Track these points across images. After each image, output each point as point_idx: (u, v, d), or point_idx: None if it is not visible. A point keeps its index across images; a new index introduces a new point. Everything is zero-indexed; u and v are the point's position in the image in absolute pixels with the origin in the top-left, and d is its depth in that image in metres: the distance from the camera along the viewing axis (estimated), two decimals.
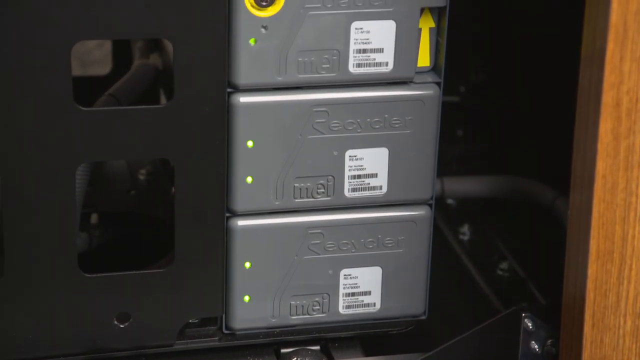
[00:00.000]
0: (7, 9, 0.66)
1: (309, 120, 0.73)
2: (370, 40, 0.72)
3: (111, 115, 0.69)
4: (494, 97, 1.00)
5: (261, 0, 0.70)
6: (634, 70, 0.63)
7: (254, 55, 0.71)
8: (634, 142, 0.65)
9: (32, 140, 0.69)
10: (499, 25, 0.98)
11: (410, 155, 0.74)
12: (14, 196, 0.70)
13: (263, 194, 0.73)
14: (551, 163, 0.94)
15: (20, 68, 0.67)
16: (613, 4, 0.61)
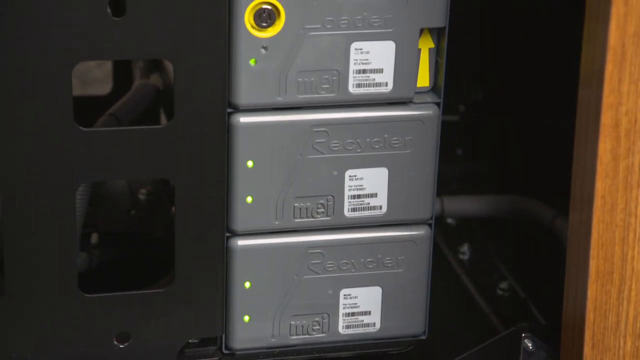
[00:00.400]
0: (8, 29, 0.66)
1: (308, 140, 0.73)
2: (370, 61, 0.72)
3: (112, 136, 0.70)
4: (493, 116, 1.00)
5: (261, 21, 0.70)
6: (632, 91, 0.63)
7: (254, 76, 0.71)
8: (633, 163, 0.65)
9: (33, 160, 0.69)
10: (498, 44, 0.99)
11: (410, 175, 0.75)
12: (15, 215, 0.70)
13: (263, 214, 0.73)
14: (551, 182, 0.94)
15: (22, 88, 0.67)
16: (611, 26, 0.62)
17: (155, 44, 0.68)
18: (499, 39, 0.98)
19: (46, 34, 0.67)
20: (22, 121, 0.68)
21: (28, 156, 0.69)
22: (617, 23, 0.62)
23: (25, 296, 0.71)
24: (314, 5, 0.70)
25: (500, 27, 0.98)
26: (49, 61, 0.67)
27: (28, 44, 0.67)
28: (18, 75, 0.67)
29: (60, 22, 0.66)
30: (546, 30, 0.97)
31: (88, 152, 0.69)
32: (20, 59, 0.67)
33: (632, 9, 0.62)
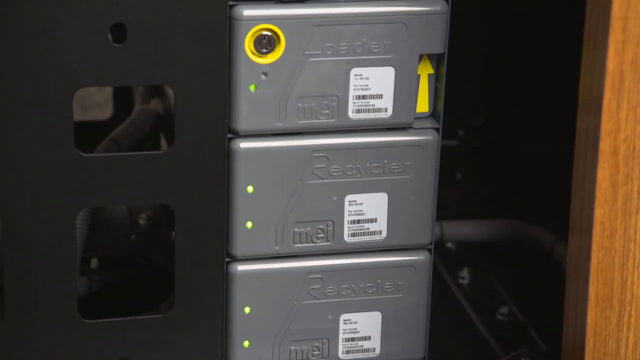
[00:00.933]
0: (9, 54, 0.67)
1: (308, 165, 0.73)
2: (370, 87, 0.73)
3: (112, 161, 0.70)
4: (493, 140, 1.01)
5: (261, 47, 0.70)
6: (631, 118, 0.64)
7: (254, 101, 0.71)
8: (631, 189, 0.65)
9: (33, 186, 0.69)
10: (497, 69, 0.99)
11: (409, 200, 0.75)
12: (15, 240, 0.70)
13: (263, 239, 0.74)
14: (550, 207, 0.94)
15: (23, 114, 0.68)
16: (609, 52, 0.62)
17: (156, 70, 0.68)
18: (499, 64, 0.99)
19: (48, 60, 0.67)
20: (23, 146, 0.68)
21: (29, 181, 0.69)
22: (615, 50, 0.62)
23: (25, 321, 0.71)
24: (314, 31, 0.71)
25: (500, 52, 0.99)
26: (50, 87, 0.67)
27: (29, 70, 0.67)
28: (19, 100, 0.67)
29: (61, 48, 0.67)
30: (545, 56, 0.98)
31: (89, 178, 0.69)
32: (22, 84, 0.67)
33: (630, 37, 0.62)
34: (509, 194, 0.99)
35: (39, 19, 0.66)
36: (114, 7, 0.66)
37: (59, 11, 0.66)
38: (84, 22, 0.66)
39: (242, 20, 0.69)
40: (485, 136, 1.00)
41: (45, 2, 0.66)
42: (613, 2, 0.61)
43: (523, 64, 0.98)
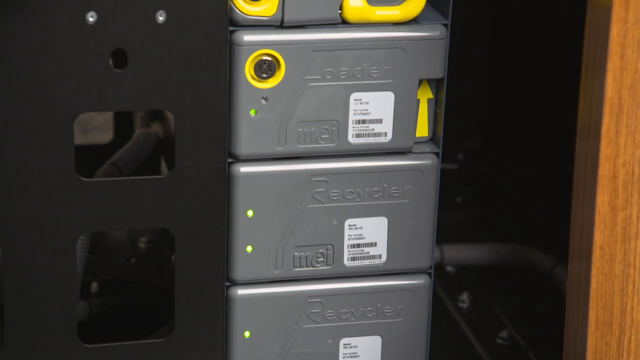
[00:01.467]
0: (11, 79, 0.67)
1: (308, 189, 0.73)
2: (369, 111, 0.73)
3: (113, 186, 0.70)
4: (492, 164, 1.01)
5: (262, 72, 0.71)
6: (630, 143, 0.64)
7: (255, 126, 0.71)
8: (631, 214, 0.65)
9: (34, 210, 0.69)
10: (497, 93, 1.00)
11: (409, 224, 0.75)
12: (15, 265, 0.70)
13: (263, 263, 0.74)
14: (550, 230, 0.94)
15: (23, 138, 0.68)
16: (608, 79, 0.62)
17: (157, 95, 0.69)
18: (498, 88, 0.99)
19: (49, 85, 0.67)
20: (23, 170, 0.68)
21: (29, 205, 0.69)
22: (614, 76, 0.62)
23: (26, 346, 0.71)
24: (314, 56, 0.71)
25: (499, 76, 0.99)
26: (51, 112, 0.68)
27: (31, 95, 0.67)
28: (20, 125, 0.68)
29: (62, 74, 0.67)
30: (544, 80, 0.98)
31: (89, 202, 0.69)
32: (23, 109, 0.67)
33: (628, 63, 0.63)
34: (509, 218, 0.99)
35: (41, 44, 0.66)
36: (115, 32, 0.67)
37: (61, 37, 0.66)
38: (85, 48, 0.67)
39: (242, 45, 0.70)
40: (485, 160, 1.00)
41: (47, 28, 0.66)
42: (611, 29, 0.62)
43: (522, 87, 0.99)
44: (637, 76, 0.63)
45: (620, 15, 0.61)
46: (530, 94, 0.99)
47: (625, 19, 0.62)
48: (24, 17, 0.66)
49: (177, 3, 0.67)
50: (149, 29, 0.67)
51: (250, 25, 0.70)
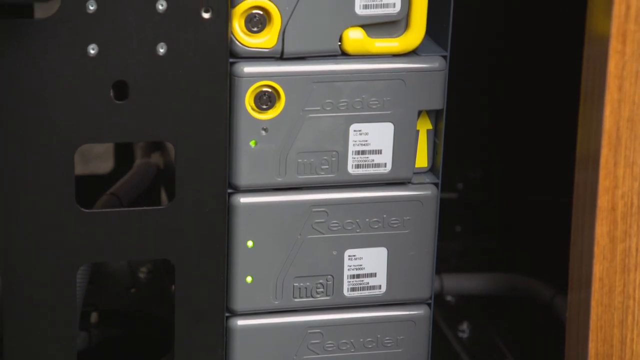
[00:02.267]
0: (12, 110, 0.67)
1: (308, 220, 0.73)
2: (369, 142, 0.73)
3: (113, 217, 0.70)
4: (492, 193, 1.01)
5: (262, 104, 0.71)
6: (628, 175, 0.64)
7: (255, 157, 0.72)
8: (630, 246, 0.65)
9: (34, 241, 0.69)
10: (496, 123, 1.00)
11: (409, 254, 0.75)
12: (14, 295, 0.70)
13: (263, 294, 0.74)
14: (550, 260, 0.94)
15: (24, 169, 0.68)
16: (606, 111, 0.63)
17: (157, 126, 0.69)
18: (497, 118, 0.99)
19: (50, 117, 0.67)
20: (24, 201, 0.69)
21: (29, 236, 0.69)
22: (612, 108, 0.63)
23: None
24: (314, 88, 0.71)
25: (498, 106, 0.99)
26: (52, 143, 0.68)
27: (32, 126, 0.68)
28: (21, 156, 0.68)
29: (63, 105, 0.67)
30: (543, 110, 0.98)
31: (89, 233, 0.70)
32: (24, 140, 0.68)
33: (626, 95, 0.63)
34: (509, 247, 0.99)
35: (42, 75, 0.67)
36: (116, 65, 0.67)
37: (62, 69, 0.67)
38: (86, 80, 0.67)
39: (242, 77, 0.70)
40: (485, 189, 1.00)
41: (49, 60, 0.66)
42: (609, 61, 0.62)
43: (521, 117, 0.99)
44: (635, 108, 0.63)
45: (617, 49, 0.62)
46: (530, 125, 0.99)
47: (622, 51, 0.62)
48: (26, 49, 0.66)
49: (177, 35, 0.68)
50: (150, 61, 0.68)
51: (251, 57, 0.70)
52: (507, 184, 1.00)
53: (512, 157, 1.00)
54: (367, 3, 0.71)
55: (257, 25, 0.70)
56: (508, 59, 0.97)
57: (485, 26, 0.95)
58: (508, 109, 0.99)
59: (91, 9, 0.66)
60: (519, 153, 1.00)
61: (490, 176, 1.01)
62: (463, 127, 0.95)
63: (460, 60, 0.80)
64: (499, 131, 1.00)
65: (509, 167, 1.00)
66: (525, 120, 0.99)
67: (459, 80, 0.81)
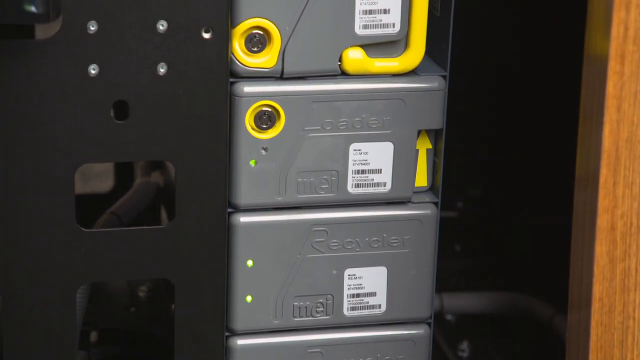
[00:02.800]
0: (13, 129, 0.67)
1: (308, 239, 0.73)
2: (369, 161, 0.73)
3: (113, 236, 0.70)
4: (492, 212, 1.01)
5: (262, 123, 0.71)
6: (627, 195, 0.64)
7: (255, 176, 0.72)
8: (629, 266, 0.65)
9: (34, 260, 0.69)
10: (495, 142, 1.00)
11: (408, 274, 0.75)
12: (14, 314, 0.70)
13: (262, 313, 0.74)
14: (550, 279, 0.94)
15: (24, 188, 0.68)
16: (605, 131, 0.63)
17: (157, 146, 0.69)
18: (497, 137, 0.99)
19: (50, 137, 0.68)
20: (24, 220, 0.69)
21: (29, 255, 0.69)
22: (610, 129, 0.63)
23: None
24: (314, 107, 0.71)
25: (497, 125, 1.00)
26: (52, 163, 0.68)
27: (32, 146, 0.68)
28: (21, 175, 0.68)
29: (64, 125, 0.68)
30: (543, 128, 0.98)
31: (89, 253, 0.70)
32: (24, 159, 0.68)
33: (625, 116, 0.63)
34: (509, 266, 0.99)
35: (43, 95, 0.67)
36: (117, 84, 0.67)
37: (63, 89, 0.67)
38: (87, 100, 0.67)
39: (242, 96, 0.70)
40: (484, 208, 1.00)
41: (50, 80, 0.67)
42: (608, 82, 0.62)
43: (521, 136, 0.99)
44: (634, 128, 0.63)
45: (616, 69, 0.62)
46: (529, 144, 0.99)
47: (621, 72, 0.62)
48: (27, 70, 0.66)
49: (178, 55, 0.68)
50: (150, 80, 0.68)
51: (251, 77, 0.71)
52: (506, 203, 1.00)
53: (511, 176, 1.00)
54: (367, 23, 0.71)
55: (257, 45, 0.70)
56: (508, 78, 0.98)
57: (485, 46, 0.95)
58: (508, 128, 0.99)
59: (92, 30, 0.66)
60: (518, 172, 1.00)
61: (490, 195, 1.01)
62: (463, 146, 0.96)
63: (460, 79, 0.80)
64: (499, 150, 1.00)
65: (508, 186, 1.00)
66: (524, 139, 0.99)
67: (458, 99, 0.82)
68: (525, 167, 1.00)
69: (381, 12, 0.71)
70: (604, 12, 0.62)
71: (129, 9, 0.66)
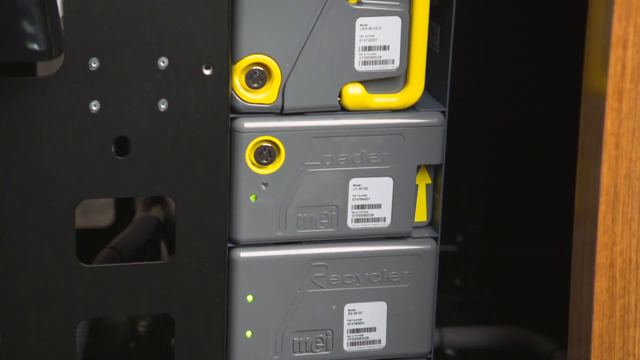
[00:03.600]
0: (13, 167, 0.68)
1: (308, 274, 0.73)
2: (368, 197, 0.73)
3: (113, 272, 0.70)
4: (491, 246, 1.01)
5: (262, 159, 0.71)
6: (626, 231, 0.64)
7: (254, 211, 0.72)
8: (629, 302, 0.65)
9: (34, 296, 0.69)
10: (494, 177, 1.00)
11: (408, 309, 0.75)
12: (14, 350, 0.70)
13: (262, 348, 0.73)
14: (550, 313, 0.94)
15: (25, 224, 0.68)
16: (603, 168, 0.63)
17: (158, 182, 0.69)
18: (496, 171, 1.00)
19: (51, 172, 0.68)
20: (24, 256, 0.69)
21: (29, 291, 0.69)
22: (609, 165, 0.63)
23: None
24: (313, 142, 0.72)
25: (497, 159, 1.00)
26: (53, 199, 0.68)
27: (33, 181, 0.68)
28: (22, 211, 0.68)
29: (65, 161, 0.68)
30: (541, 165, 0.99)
31: (89, 288, 0.70)
32: (25, 195, 0.68)
33: (623, 152, 0.63)
34: (509, 300, 0.99)
35: (44, 131, 0.67)
36: (118, 120, 0.68)
37: (64, 125, 0.67)
38: (88, 136, 0.68)
39: (242, 132, 0.71)
40: (484, 242, 1.00)
41: (51, 116, 0.67)
42: (606, 119, 0.63)
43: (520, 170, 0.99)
44: (632, 165, 0.64)
45: (614, 106, 0.63)
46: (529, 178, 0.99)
47: (619, 109, 0.63)
48: (28, 106, 0.67)
49: (178, 91, 0.68)
50: (151, 117, 0.68)
51: (251, 113, 0.71)
52: (506, 237, 1.00)
53: (511, 210, 1.00)
54: (366, 59, 0.71)
55: (257, 81, 0.71)
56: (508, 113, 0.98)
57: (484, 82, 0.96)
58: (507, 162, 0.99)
59: (93, 66, 0.67)
60: (518, 206, 1.00)
61: (489, 229, 1.01)
62: (462, 180, 0.96)
63: (458, 116, 0.81)
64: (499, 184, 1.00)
65: (508, 220, 1.00)
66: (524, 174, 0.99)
67: (457, 133, 0.82)
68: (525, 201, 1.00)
69: (380, 48, 0.71)
70: (601, 50, 0.62)
71: (130, 46, 0.67)
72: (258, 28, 0.69)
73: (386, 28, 0.71)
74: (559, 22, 0.93)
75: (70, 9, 0.65)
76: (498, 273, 1.01)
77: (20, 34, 0.61)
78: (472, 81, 0.94)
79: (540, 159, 0.98)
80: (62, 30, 0.64)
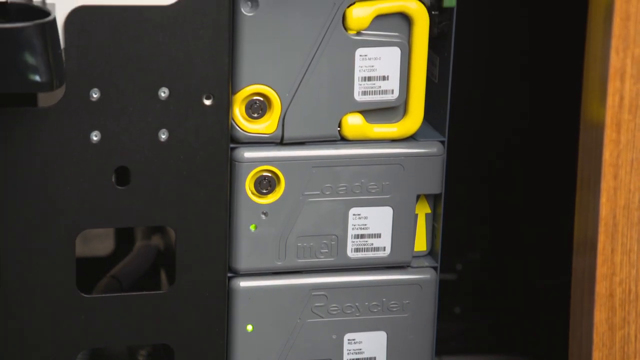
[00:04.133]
0: (14, 197, 0.68)
1: (307, 304, 0.73)
2: (368, 226, 0.74)
3: (113, 302, 0.70)
4: (491, 274, 1.01)
5: (262, 188, 0.72)
6: (625, 262, 0.64)
7: (254, 241, 0.72)
8: (628, 333, 0.65)
9: (34, 326, 0.69)
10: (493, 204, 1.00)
11: (408, 338, 0.75)
12: None
13: None
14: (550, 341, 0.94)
15: (25, 254, 0.68)
16: (602, 198, 0.63)
17: (158, 211, 0.69)
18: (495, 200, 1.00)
19: (52, 203, 0.68)
20: (24, 286, 0.69)
21: (29, 321, 0.69)
22: (608, 196, 0.63)
23: None
24: (313, 172, 0.72)
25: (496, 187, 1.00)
26: (53, 228, 0.68)
27: (34, 211, 0.68)
28: (22, 240, 0.68)
29: (66, 191, 0.68)
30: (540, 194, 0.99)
31: (89, 318, 0.70)
32: (26, 225, 0.68)
33: (622, 183, 0.64)
34: (508, 328, 0.99)
35: (45, 161, 0.67)
36: (118, 151, 0.68)
37: (65, 155, 0.68)
38: (89, 166, 0.68)
39: (243, 162, 0.71)
40: (484, 270, 1.00)
41: (52, 146, 0.67)
42: (604, 149, 0.63)
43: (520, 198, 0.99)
44: (631, 196, 0.64)
45: (612, 137, 0.63)
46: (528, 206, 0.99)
47: (617, 140, 0.63)
48: (29, 137, 0.67)
49: (179, 122, 0.68)
50: (152, 147, 0.68)
51: (251, 142, 0.71)
52: (506, 265, 1.00)
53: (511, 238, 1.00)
54: (366, 90, 0.72)
55: (257, 112, 0.71)
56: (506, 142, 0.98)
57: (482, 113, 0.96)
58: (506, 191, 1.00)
59: (94, 97, 0.67)
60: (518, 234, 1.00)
61: (489, 257, 1.01)
62: (462, 209, 0.96)
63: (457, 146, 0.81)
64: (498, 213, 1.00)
65: (508, 248, 1.00)
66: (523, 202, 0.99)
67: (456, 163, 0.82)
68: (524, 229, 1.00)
69: (380, 78, 0.72)
70: (599, 82, 0.63)
71: (131, 77, 0.67)
72: (258, 58, 0.70)
73: (386, 58, 0.71)
74: (558, 53, 0.94)
75: (71, 40, 0.66)
76: (498, 301, 1.01)
77: (22, 66, 0.61)
78: (471, 111, 0.94)
79: (540, 188, 0.98)
80: (63, 62, 0.65)
